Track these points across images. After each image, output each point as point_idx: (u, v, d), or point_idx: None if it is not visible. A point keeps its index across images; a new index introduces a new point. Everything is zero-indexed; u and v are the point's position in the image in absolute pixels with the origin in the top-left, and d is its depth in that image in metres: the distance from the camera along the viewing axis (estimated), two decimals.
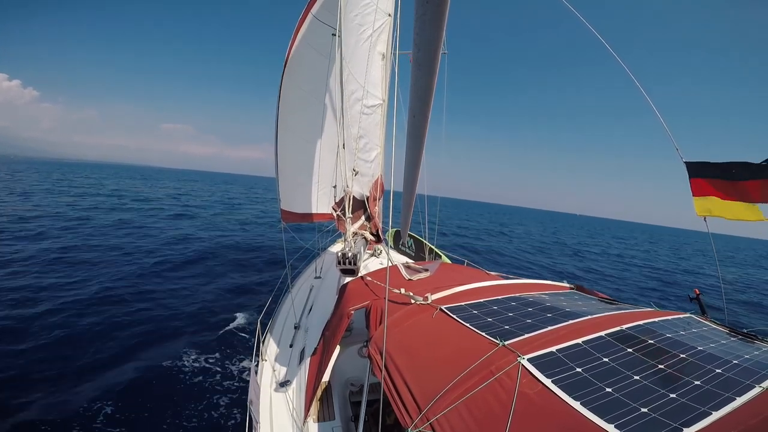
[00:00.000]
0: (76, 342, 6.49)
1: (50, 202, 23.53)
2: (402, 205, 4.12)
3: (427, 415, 1.72)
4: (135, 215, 21.89)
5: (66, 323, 7.06)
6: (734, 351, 2.12)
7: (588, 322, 2.37)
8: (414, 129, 2.23)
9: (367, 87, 4.43)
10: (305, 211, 6.77)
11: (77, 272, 10.08)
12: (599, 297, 3.37)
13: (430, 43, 1.59)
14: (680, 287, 18.67)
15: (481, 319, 2.50)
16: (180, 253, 13.50)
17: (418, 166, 2.79)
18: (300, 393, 3.25)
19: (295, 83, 5.62)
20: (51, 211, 19.52)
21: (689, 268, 28.12)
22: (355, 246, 3.39)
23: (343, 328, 2.90)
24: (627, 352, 2.02)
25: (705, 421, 1.45)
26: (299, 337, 4.43)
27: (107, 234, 15.55)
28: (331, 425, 3.13)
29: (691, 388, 1.68)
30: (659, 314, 2.67)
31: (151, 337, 6.98)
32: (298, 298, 5.67)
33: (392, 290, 3.00)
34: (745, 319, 13.41)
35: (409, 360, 2.14)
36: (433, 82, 1.83)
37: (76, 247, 12.63)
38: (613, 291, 15.13)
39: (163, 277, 10.64)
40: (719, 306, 10.37)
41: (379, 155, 4.90)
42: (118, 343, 6.63)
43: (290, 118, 5.78)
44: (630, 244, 48.39)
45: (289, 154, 5.94)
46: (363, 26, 4.26)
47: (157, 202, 30.69)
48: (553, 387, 1.71)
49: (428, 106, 2.01)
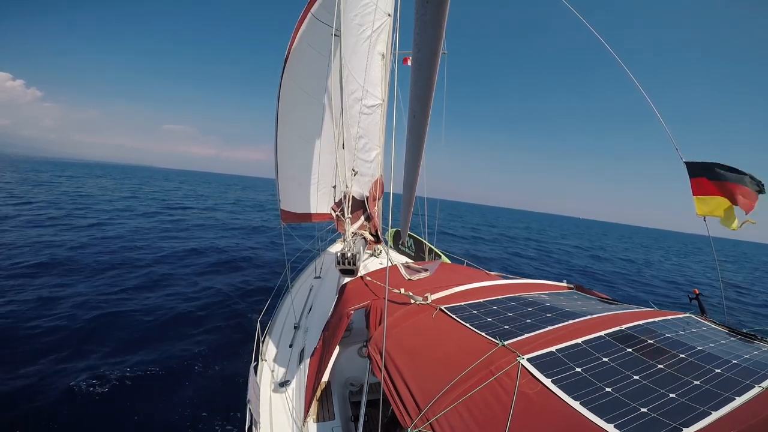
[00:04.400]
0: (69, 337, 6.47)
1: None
2: (402, 205, 4.12)
3: (427, 415, 1.72)
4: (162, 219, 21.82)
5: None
6: (734, 351, 2.12)
7: (588, 322, 2.37)
8: (414, 129, 2.23)
9: (366, 87, 4.43)
10: (305, 211, 6.76)
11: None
12: (599, 297, 3.38)
13: (430, 43, 1.59)
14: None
15: (481, 319, 2.50)
16: (180, 252, 13.50)
17: (418, 166, 2.79)
18: (300, 393, 3.25)
19: (295, 83, 5.61)
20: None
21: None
22: (354, 246, 3.39)
23: (343, 328, 2.90)
24: (627, 352, 2.02)
25: (705, 421, 1.45)
26: (299, 337, 4.43)
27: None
28: (331, 425, 3.13)
29: (691, 388, 1.69)
30: (659, 314, 2.67)
31: (151, 337, 6.97)
32: (298, 298, 5.67)
33: (392, 290, 3.00)
34: (745, 319, 13.44)
35: (409, 360, 2.14)
36: (433, 82, 1.83)
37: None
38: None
39: (160, 276, 10.63)
40: (719, 306, 10.37)
41: (378, 155, 4.90)
42: (115, 341, 6.63)
43: (290, 117, 5.78)
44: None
45: (288, 154, 5.94)
46: (363, 26, 4.26)
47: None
48: (553, 387, 1.71)
49: (428, 106, 2.01)
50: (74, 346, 6.34)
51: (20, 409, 4.75)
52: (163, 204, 30.13)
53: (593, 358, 1.95)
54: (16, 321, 6.90)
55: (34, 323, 6.89)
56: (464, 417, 1.67)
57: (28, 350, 6.05)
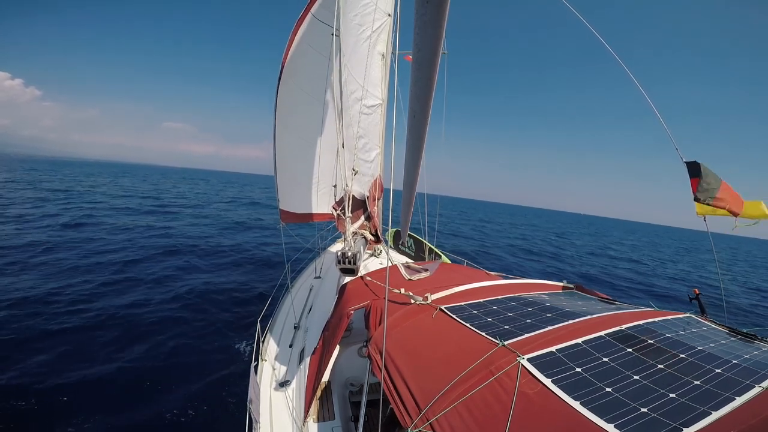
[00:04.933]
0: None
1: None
2: (402, 205, 4.12)
3: (427, 415, 1.72)
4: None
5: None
6: (734, 351, 2.12)
7: (588, 322, 2.37)
8: (414, 129, 2.23)
9: (366, 87, 4.43)
10: (305, 211, 6.75)
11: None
12: (599, 297, 3.38)
13: (430, 43, 1.58)
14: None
15: (481, 319, 2.50)
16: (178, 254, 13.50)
17: (418, 166, 2.79)
18: (300, 393, 3.25)
19: (294, 83, 5.61)
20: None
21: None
22: (354, 246, 3.39)
23: (343, 328, 2.90)
24: (627, 352, 2.02)
25: (705, 421, 1.45)
26: (299, 337, 4.43)
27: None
28: (331, 425, 3.13)
29: (691, 388, 1.69)
30: (659, 314, 2.67)
31: (150, 337, 6.97)
32: (298, 298, 5.67)
33: (392, 290, 3.00)
34: (745, 319, 13.41)
35: (409, 360, 2.14)
36: (433, 82, 1.83)
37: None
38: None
39: (159, 276, 10.63)
40: (719, 306, 10.37)
41: (378, 155, 4.90)
42: (114, 340, 6.63)
43: (289, 117, 5.77)
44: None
45: (288, 153, 5.93)
46: (362, 26, 4.26)
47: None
48: (553, 387, 1.71)
49: (428, 106, 2.01)
50: (74, 346, 6.35)
51: (26, 404, 4.77)
52: (159, 202, 30.27)
53: (593, 358, 1.95)
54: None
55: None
56: (464, 417, 1.67)
57: (28, 350, 6.07)
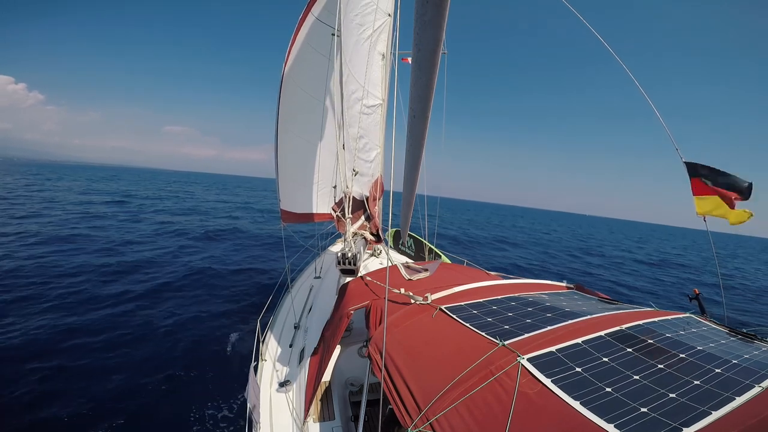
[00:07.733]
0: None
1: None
2: (402, 205, 4.13)
3: (427, 414, 1.72)
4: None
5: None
6: (734, 351, 2.12)
7: (588, 322, 2.37)
8: (414, 129, 2.23)
9: (367, 87, 4.43)
10: (305, 211, 6.76)
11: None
12: (599, 297, 3.38)
13: (430, 43, 1.58)
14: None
15: (481, 318, 2.50)
16: (176, 253, 13.50)
17: (418, 166, 2.80)
18: (300, 393, 3.25)
19: (295, 83, 5.61)
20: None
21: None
22: (354, 246, 3.40)
23: (343, 328, 2.90)
24: (627, 352, 2.02)
25: (704, 421, 1.45)
26: (299, 337, 4.43)
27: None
28: (331, 425, 3.13)
29: (691, 388, 1.69)
30: (659, 314, 2.67)
31: (149, 336, 6.98)
32: (298, 298, 5.67)
33: (392, 290, 3.00)
34: (745, 319, 13.38)
35: (409, 360, 2.14)
36: (433, 83, 1.83)
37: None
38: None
39: (157, 275, 10.64)
40: (719, 304, 10.33)
41: (378, 155, 4.91)
42: (115, 341, 6.63)
43: (290, 118, 5.77)
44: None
45: (289, 154, 5.94)
46: (363, 26, 4.27)
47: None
48: (553, 387, 1.71)
49: (428, 106, 2.01)
50: (72, 344, 6.36)
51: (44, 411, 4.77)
52: (171, 205, 30.25)
53: (593, 358, 1.95)
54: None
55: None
56: (464, 417, 1.67)
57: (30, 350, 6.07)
